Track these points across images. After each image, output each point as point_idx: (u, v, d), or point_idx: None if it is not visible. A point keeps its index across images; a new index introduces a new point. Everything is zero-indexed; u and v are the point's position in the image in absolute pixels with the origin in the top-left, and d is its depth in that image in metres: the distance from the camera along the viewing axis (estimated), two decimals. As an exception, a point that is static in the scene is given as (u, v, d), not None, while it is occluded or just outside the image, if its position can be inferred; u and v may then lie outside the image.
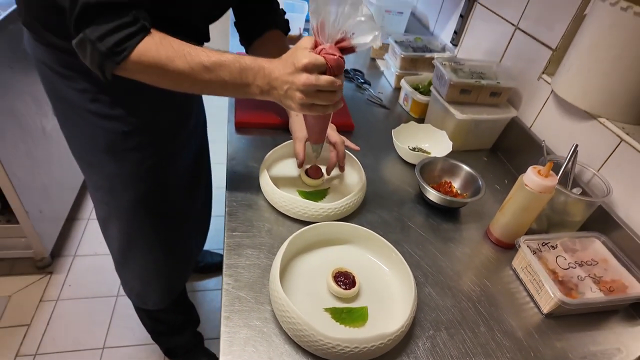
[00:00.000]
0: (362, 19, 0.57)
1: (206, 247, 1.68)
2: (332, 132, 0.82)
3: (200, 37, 0.77)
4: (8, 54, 1.24)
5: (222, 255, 1.78)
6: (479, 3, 1.20)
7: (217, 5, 0.76)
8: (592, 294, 0.65)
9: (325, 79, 0.59)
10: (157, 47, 0.57)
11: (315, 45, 0.61)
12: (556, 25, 0.92)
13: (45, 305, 1.48)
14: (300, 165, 0.82)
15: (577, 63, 0.81)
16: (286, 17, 0.92)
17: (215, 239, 1.78)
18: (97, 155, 0.79)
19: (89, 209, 1.87)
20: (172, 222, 0.95)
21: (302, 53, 0.59)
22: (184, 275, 1.13)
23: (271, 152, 0.85)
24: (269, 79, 0.61)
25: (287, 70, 0.60)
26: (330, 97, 0.62)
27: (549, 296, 0.64)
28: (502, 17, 1.10)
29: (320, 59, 0.59)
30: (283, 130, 0.98)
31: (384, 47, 1.38)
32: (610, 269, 0.70)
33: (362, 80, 1.27)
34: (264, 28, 0.88)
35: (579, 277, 0.67)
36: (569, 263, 0.69)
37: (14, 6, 1.27)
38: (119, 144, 0.77)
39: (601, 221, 0.78)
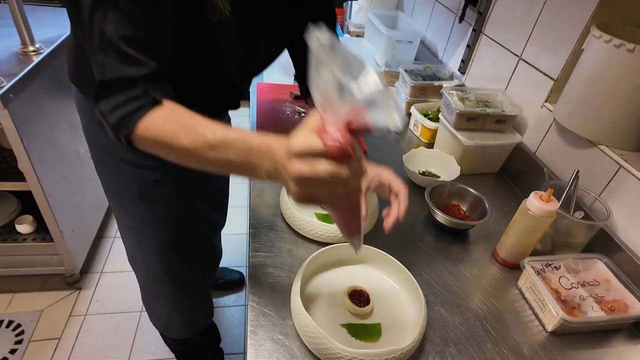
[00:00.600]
0: (376, 96, 0.43)
1: (226, 264, 1.75)
2: (393, 178, 0.70)
3: (239, 96, 0.80)
4: (50, 86, 1.36)
5: (240, 273, 1.84)
6: (485, 34, 1.27)
7: (256, 64, 0.77)
8: (594, 313, 0.69)
9: (323, 169, 0.45)
10: (163, 122, 0.55)
11: (322, 123, 0.48)
12: (557, 57, 0.98)
13: (74, 320, 1.56)
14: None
15: (577, 94, 0.87)
16: None
17: (234, 256, 1.86)
18: (130, 199, 0.84)
19: (115, 227, 1.97)
20: (196, 259, 1.00)
21: (300, 134, 0.47)
22: (208, 308, 1.17)
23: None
24: (275, 161, 0.50)
25: (283, 153, 0.48)
26: (335, 190, 0.47)
27: (552, 315, 0.68)
28: (506, 48, 1.17)
29: (316, 143, 0.45)
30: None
31: (395, 75, 1.45)
32: (612, 289, 0.74)
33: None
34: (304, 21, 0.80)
35: (581, 297, 0.71)
36: (571, 283, 0.74)
37: (57, 43, 1.39)
38: (151, 191, 0.82)
39: (603, 243, 0.82)
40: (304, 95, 0.87)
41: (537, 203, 0.74)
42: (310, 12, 0.78)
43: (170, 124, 0.54)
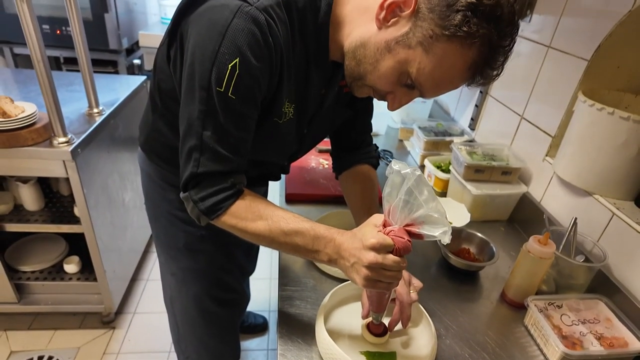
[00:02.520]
0: (435, 215, 0.59)
1: (250, 308, 1.83)
2: (401, 287, 0.77)
3: (283, 171, 0.95)
4: (107, 142, 1.57)
5: (264, 317, 1.92)
6: (491, 96, 1.42)
7: (301, 150, 0.91)
8: (594, 348, 0.75)
9: (391, 259, 0.61)
10: (246, 210, 0.68)
11: (385, 224, 0.64)
12: (553, 117, 1.10)
13: (108, 358, 1.64)
14: (364, 317, 0.78)
15: (570, 150, 0.98)
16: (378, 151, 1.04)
17: (258, 300, 1.94)
18: (176, 250, 0.96)
19: (148, 270, 2.10)
20: (229, 304, 1.10)
21: (370, 232, 0.63)
22: (235, 349, 1.25)
23: (317, 219, 1.03)
24: (338, 250, 0.65)
25: (356, 245, 0.63)
26: (394, 276, 0.63)
27: (554, 349, 0.74)
28: (510, 108, 1.30)
29: (388, 240, 0.61)
30: (328, 203, 1.18)
31: (410, 131, 1.60)
32: (613, 328, 0.79)
33: (391, 159, 1.48)
34: (354, 162, 0.98)
35: (582, 333, 0.77)
36: (572, 321, 0.80)
37: (115, 105, 1.62)
38: (196, 244, 0.94)
39: (604, 285, 0.88)
40: (336, 172, 1.02)
41: (535, 246, 0.82)
42: (354, 107, 0.89)
43: (251, 212, 0.68)
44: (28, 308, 1.64)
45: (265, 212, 0.69)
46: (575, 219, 0.91)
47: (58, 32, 2.60)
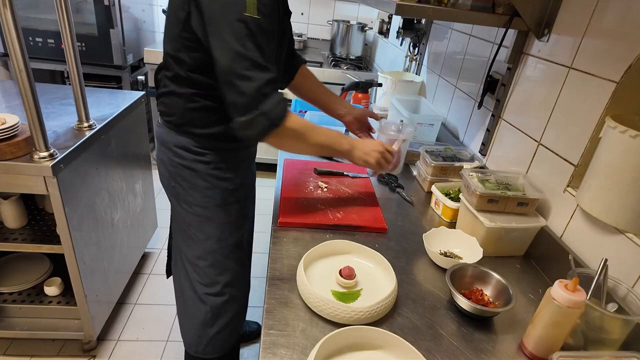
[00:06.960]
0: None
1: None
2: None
3: None
4: (96, 158, 1.49)
5: (257, 323, 1.89)
6: (504, 120, 1.32)
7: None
8: (636, 423, 0.62)
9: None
10: (297, 118, 0.94)
11: None
12: (576, 143, 1.00)
13: (84, 391, 1.52)
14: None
15: (597, 181, 0.87)
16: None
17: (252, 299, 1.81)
18: (214, 209, 1.09)
19: (136, 294, 1.98)
20: (247, 265, 1.28)
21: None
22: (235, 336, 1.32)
23: (309, 252, 0.93)
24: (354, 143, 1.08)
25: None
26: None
27: (588, 422, 0.61)
28: (525, 133, 1.20)
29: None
30: (321, 230, 1.07)
31: (417, 155, 1.50)
32: (657, 396, 0.66)
33: (396, 184, 1.38)
34: (297, 66, 1.27)
35: (620, 403, 0.64)
36: (607, 386, 0.67)
37: (108, 119, 1.55)
38: (228, 198, 1.10)
39: (643, 341, 0.75)
40: (285, 81, 1.29)
41: (562, 292, 0.70)
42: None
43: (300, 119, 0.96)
44: (3, 333, 1.53)
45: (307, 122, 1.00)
46: (606, 260, 0.79)
47: (63, 46, 2.58)
